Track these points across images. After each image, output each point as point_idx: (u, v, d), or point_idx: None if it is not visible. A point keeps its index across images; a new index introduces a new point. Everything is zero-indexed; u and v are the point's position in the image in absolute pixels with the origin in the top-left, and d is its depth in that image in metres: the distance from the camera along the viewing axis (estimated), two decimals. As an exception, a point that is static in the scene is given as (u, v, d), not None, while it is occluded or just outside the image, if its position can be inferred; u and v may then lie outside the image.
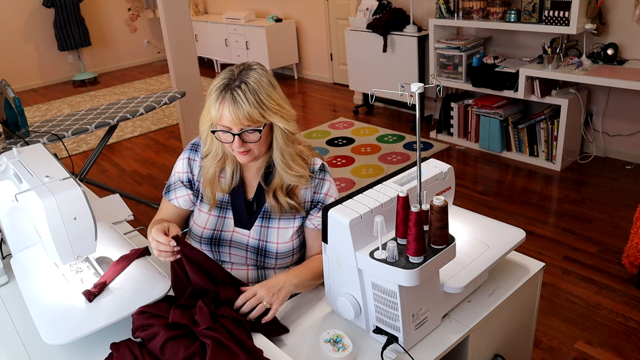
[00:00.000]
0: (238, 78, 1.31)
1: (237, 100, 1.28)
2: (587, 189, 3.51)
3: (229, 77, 1.32)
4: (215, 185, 1.46)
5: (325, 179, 1.47)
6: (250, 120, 1.30)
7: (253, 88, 1.30)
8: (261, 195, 1.46)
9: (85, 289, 1.30)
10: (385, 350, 1.18)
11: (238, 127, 1.31)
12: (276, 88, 1.35)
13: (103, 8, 7.95)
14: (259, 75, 1.33)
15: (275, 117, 1.34)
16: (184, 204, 1.52)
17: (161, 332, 1.14)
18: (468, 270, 1.25)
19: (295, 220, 1.46)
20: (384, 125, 4.91)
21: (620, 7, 3.53)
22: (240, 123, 1.30)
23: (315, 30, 6.36)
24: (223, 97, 1.30)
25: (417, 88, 1.03)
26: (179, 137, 5.02)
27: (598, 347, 2.21)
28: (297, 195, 1.45)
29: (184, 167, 1.52)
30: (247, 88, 1.29)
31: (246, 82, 1.30)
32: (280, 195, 1.42)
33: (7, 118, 2.97)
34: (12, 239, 1.50)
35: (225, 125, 1.32)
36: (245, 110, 1.28)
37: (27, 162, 1.37)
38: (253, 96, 1.29)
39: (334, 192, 1.48)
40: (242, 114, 1.29)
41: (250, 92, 1.29)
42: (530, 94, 3.78)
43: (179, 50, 4.26)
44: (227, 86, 1.30)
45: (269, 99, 1.32)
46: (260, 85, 1.31)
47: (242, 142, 1.34)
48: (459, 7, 4.07)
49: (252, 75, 1.32)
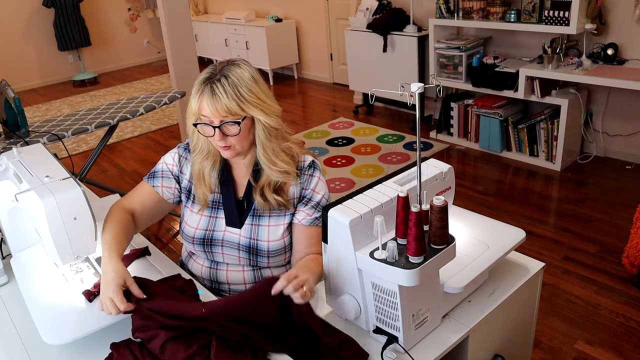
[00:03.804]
0: (220, 72, 1.33)
1: (215, 92, 1.30)
2: (587, 189, 3.51)
3: (211, 71, 1.35)
4: (202, 182, 1.47)
5: (313, 175, 1.47)
6: (228, 112, 1.31)
7: (233, 82, 1.32)
8: (251, 193, 1.47)
9: (85, 289, 1.30)
10: (385, 350, 1.18)
11: (217, 120, 1.33)
12: (259, 83, 1.37)
13: (103, 8, 7.95)
14: (241, 70, 1.35)
15: (255, 111, 1.34)
16: (167, 194, 1.53)
17: (161, 333, 1.14)
18: (468, 270, 1.25)
19: (285, 217, 1.46)
20: (384, 125, 4.91)
21: (620, 7, 3.53)
22: (219, 115, 1.32)
23: (315, 30, 6.36)
24: (203, 90, 1.32)
25: (417, 88, 1.03)
26: (179, 137, 5.02)
27: (598, 347, 2.21)
28: (285, 192, 1.45)
29: (175, 161, 1.54)
30: (226, 81, 1.31)
31: (227, 75, 1.32)
32: (268, 192, 1.43)
33: (7, 118, 2.97)
34: (12, 239, 1.50)
35: (204, 116, 1.34)
36: (224, 102, 1.30)
37: (27, 162, 1.37)
38: (232, 89, 1.31)
39: (321, 189, 1.47)
40: (220, 106, 1.30)
41: (229, 85, 1.31)
42: (530, 94, 3.78)
43: (179, 50, 4.26)
44: (208, 79, 1.33)
45: (249, 92, 1.33)
46: (241, 79, 1.33)
47: (223, 135, 1.35)
48: (459, 7, 4.07)
49: (234, 69, 1.34)
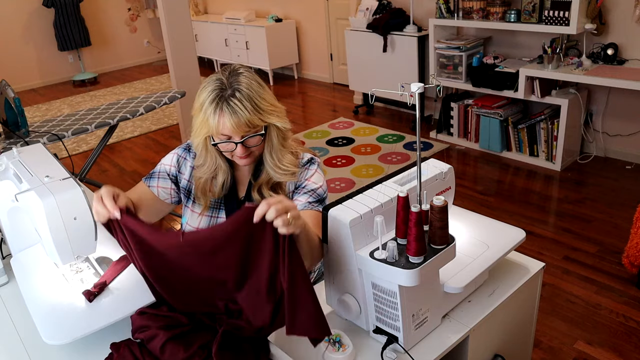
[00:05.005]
0: (229, 86, 1.31)
1: (235, 109, 1.29)
2: (587, 189, 3.51)
3: (219, 86, 1.32)
4: (207, 193, 1.47)
5: (309, 169, 1.47)
6: (250, 126, 1.32)
7: (247, 94, 1.30)
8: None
9: (85, 289, 1.30)
10: (385, 350, 1.18)
11: (239, 135, 1.32)
12: (264, 88, 1.37)
13: (103, 8, 7.95)
14: (248, 79, 1.34)
15: (272, 118, 1.35)
16: (163, 194, 1.52)
17: (160, 334, 1.14)
18: (468, 270, 1.25)
19: None
20: (384, 125, 4.91)
21: (620, 7, 3.53)
22: (242, 130, 1.31)
23: (315, 30, 6.36)
24: (221, 108, 1.30)
25: (417, 88, 1.03)
26: (179, 137, 5.02)
27: (598, 347, 2.21)
28: (282, 188, 1.46)
29: (173, 162, 1.53)
30: (242, 95, 1.30)
31: (239, 89, 1.30)
32: (265, 190, 1.44)
33: (7, 118, 2.98)
34: (12, 239, 1.50)
35: (225, 134, 1.33)
36: (245, 117, 1.30)
37: (27, 162, 1.37)
38: (249, 102, 1.30)
39: (318, 180, 1.46)
40: (243, 122, 1.30)
41: (246, 99, 1.30)
42: (530, 94, 3.78)
43: (179, 50, 4.26)
44: (221, 97, 1.30)
45: (263, 101, 1.33)
46: (252, 90, 1.32)
47: (245, 148, 1.36)
48: (459, 7, 4.07)
49: (242, 80, 1.32)
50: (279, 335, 1.26)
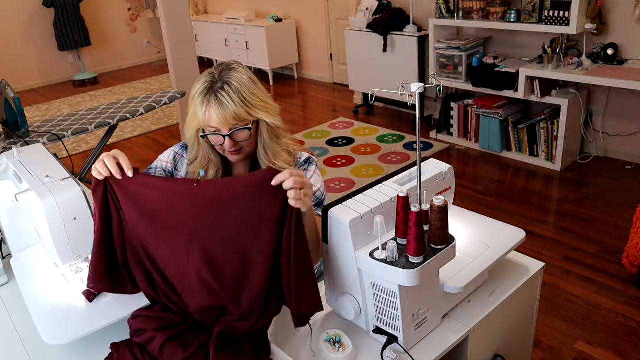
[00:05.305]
0: (220, 79, 1.33)
1: (222, 101, 1.30)
2: (587, 189, 3.51)
3: (210, 79, 1.34)
4: None
5: (308, 170, 1.48)
6: (237, 120, 1.32)
7: (236, 88, 1.32)
8: None
9: (85, 289, 1.30)
10: (385, 350, 1.18)
11: (227, 128, 1.33)
12: (257, 84, 1.38)
13: (103, 8, 7.95)
14: (240, 74, 1.35)
15: (261, 113, 1.36)
16: None
17: (157, 336, 1.14)
18: (468, 270, 1.25)
19: None
20: (384, 125, 4.91)
21: (620, 7, 3.53)
22: (228, 123, 1.32)
23: (315, 30, 6.36)
24: (208, 100, 1.32)
25: (417, 88, 1.03)
26: (178, 137, 5.02)
27: (598, 347, 2.21)
28: None
29: (169, 158, 1.54)
30: (230, 88, 1.31)
31: (229, 82, 1.32)
32: None
33: (7, 118, 2.98)
34: (12, 239, 1.50)
35: (213, 126, 1.34)
36: (232, 110, 1.31)
37: (27, 162, 1.37)
38: (237, 95, 1.31)
39: (316, 181, 1.46)
40: (229, 114, 1.31)
41: (234, 92, 1.31)
42: (530, 94, 3.78)
43: (179, 50, 4.26)
44: (210, 89, 1.32)
45: (252, 96, 1.34)
46: (242, 84, 1.33)
47: (233, 142, 1.36)
48: (459, 7, 4.07)
49: (233, 74, 1.34)
50: (279, 335, 1.27)
